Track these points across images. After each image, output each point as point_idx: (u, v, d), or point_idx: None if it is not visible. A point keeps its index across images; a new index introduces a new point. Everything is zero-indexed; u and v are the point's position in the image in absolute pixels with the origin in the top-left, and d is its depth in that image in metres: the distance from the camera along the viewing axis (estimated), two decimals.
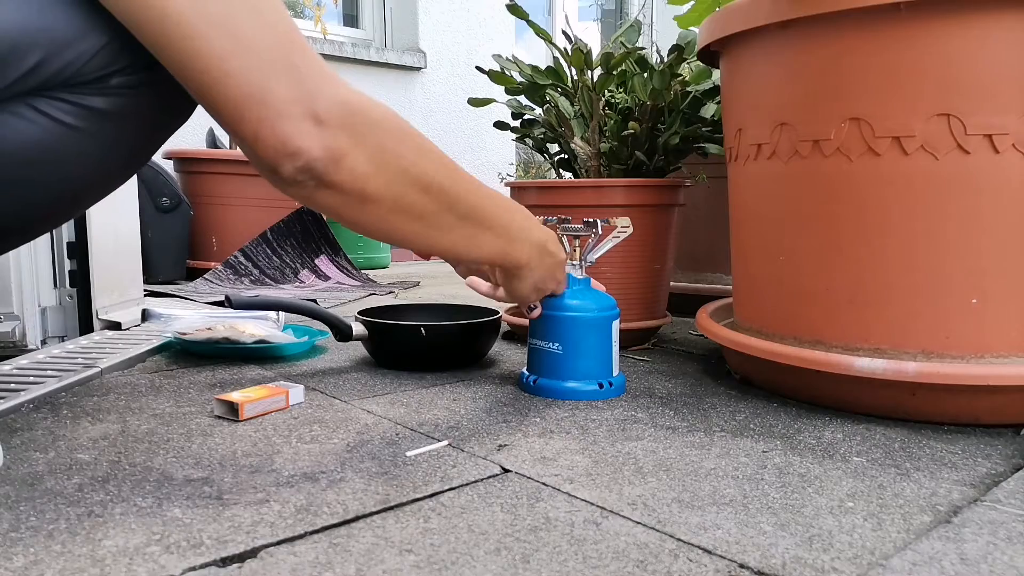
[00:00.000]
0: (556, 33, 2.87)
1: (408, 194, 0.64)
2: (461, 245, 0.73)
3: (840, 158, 0.85)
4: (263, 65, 0.54)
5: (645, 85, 1.25)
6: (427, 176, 0.65)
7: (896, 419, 0.86)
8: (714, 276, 1.60)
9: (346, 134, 0.58)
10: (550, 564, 0.52)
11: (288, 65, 0.55)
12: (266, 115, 0.54)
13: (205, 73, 0.53)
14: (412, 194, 0.64)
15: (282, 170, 0.56)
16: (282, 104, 0.54)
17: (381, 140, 0.60)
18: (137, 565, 0.50)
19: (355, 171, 0.59)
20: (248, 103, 0.54)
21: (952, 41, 0.78)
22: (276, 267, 2.27)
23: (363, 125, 0.59)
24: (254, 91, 0.54)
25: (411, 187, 0.64)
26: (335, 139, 0.57)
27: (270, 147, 0.55)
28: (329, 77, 0.57)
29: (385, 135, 0.61)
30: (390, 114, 0.62)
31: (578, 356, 0.94)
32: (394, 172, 0.62)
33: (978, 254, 0.80)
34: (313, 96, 0.56)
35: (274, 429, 0.81)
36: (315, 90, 0.56)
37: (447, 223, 0.69)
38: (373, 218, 0.63)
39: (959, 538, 0.56)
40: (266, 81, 0.54)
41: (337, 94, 0.57)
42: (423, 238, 0.69)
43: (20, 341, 1.20)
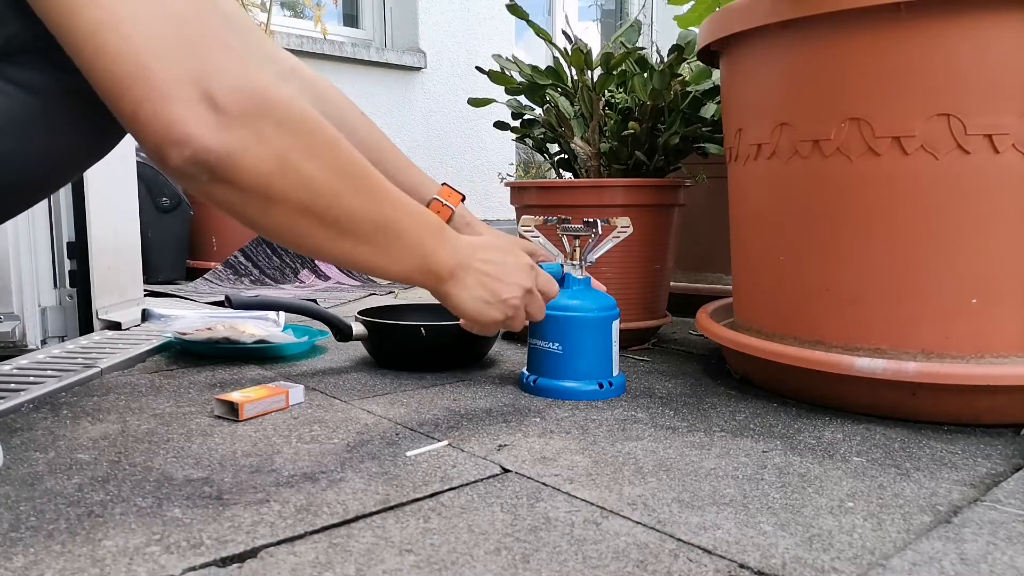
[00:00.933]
0: (556, 33, 2.86)
1: (319, 198, 0.57)
2: (377, 258, 0.64)
3: (840, 158, 0.85)
4: (145, 40, 0.48)
5: (645, 85, 1.25)
6: (341, 177, 0.59)
7: (896, 419, 0.86)
8: (714, 276, 1.60)
9: (250, 126, 0.52)
10: (550, 564, 0.52)
11: (183, 43, 0.49)
12: (147, 94, 0.48)
13: (79, 48, 0.49)
14: (324, 199, 0.58)
15: (169, 158, 0.50)
16: (168, 83, 0.48)
17: (292, 138, 0.54)
18: (137, 565, 0.50)
19: (258, 167, 0.53)
20: (127, 80, 0.48)
21: (952, 41, 0.78)
22: (276, 267, 2.27)
23: (272, 119, 0.53)
24: (133, 67, 0.48)
25: (322, 190, 0.57)
26: (235, 131, 0.51)
27: (152, 130, 0.49)
28: (240, 62, 0.51)
29: (297, 132, 0.55)
30: (303, 107, 0.56)
31: (578, 356, 0.94)
32: (304, 172, 0.56)
33: (978, 254, 0.80)
34: (213, 79, 0.50)
35: (274, 429, 0.81)
36: (216, 73, 0.50)
37: (360, 232, 0.62)
38: (279, 220, 0.57)
39: (959, 538, 0.56)
40: (147, 58, 0.48)
41: (244, 80, 0.51)
42: (334, 248, 0.61)
43: (20, 341, 1.20)
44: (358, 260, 0.64)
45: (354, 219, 0.61)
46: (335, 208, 0.59)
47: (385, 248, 0.64)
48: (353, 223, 0.61)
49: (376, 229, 0.63)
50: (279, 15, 3.21)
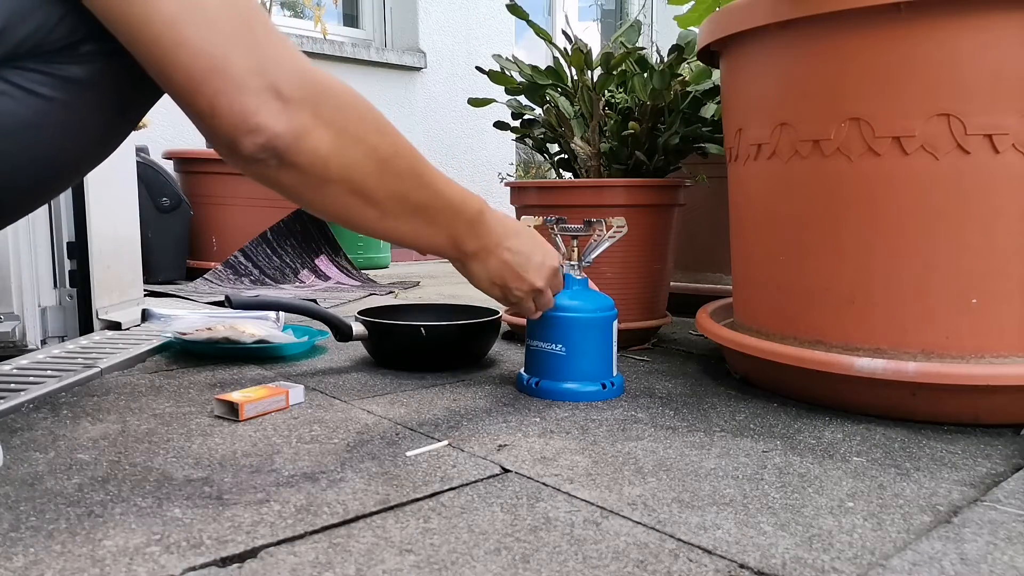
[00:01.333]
0: (556, 33, 2.86)
1: (368, 178, 0.62)
2: (416, 233, 0.70)
3: (840, 158, 0.85)
4: (220, 33, 0.50)
5: (645, 85, 1.25)
6: (388, 160, 0.63)
7: (896, 419, 0.86)
8: (714, 276, 1.60)
9: (309, 111, 0.55)
10: (550, 564, 0.51)
11: (248, 35, 0.51)
12: (223, 87, 0.51)
13: (157, 42, 0.50)
14: (372, 178, 0.62)
15: (242, 147, 0.53)
16: (241, 75, 0.51)
17: (345, 119, 0.58)
18: (137, 565, 0.50)
19: (318, 151, 0.56)
20: (204, 74, 0.50)
21: (952, 41, 0.78)
22: (276, 267, 2.27)
23: (327, 103, 0.56)
24: (211, 61, 0.50)
25: (372, 171, 0.61)
26: (298, 115, 0.54)
27: (228, 122, 0.52)
28: (292, 52, 0.54)
29: (349, 114, 0.59)
30: (353, 93, 0.59)
31: (580, 357, 0.94)
32: (357, 154, 0.60)
33: (978, 254, 0.80)
34: (275, 69, 0.52)
35: (274, 429, 0.81)
36: (277, 63, 0.53)
37: (404, 209, 0.67)
38: (331, 200, 0.61)
39: (959, 538, 0.56)
40: (223, 50, 0.50)
41: (299, 67, 0.54)
42: (378, 223, 0.66)
43: (20, 341, 1.20)
44: (392, 235, 0.69)
45: (397, 200, 0.65)
46: (382, 189, 0.63)
47: (419, 228, 0.69)
48: (396, 204, 0.65)
49: (415, 211, 0.68)
50: (279, 15, 3.21)
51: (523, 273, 0.83)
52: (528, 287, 0.84)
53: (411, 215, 0.68)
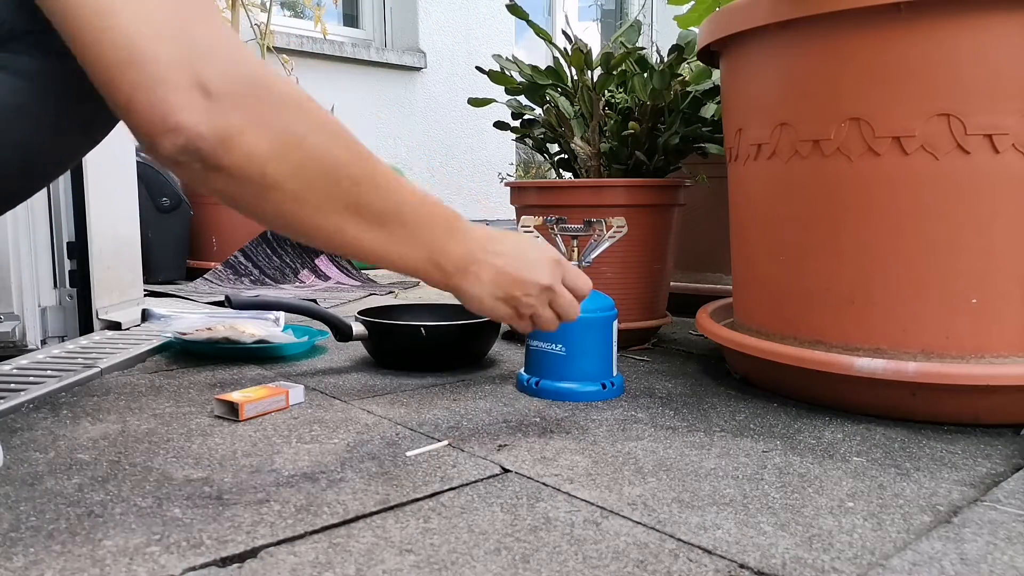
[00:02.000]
0: (556, 33, 2.86)
1: (316, 185, 0.55)
2: (385, 247, 0.62)
3: (840, 158, 0.85)
4: (147, 21, 0.47)
5: (645, 85, 1.25)
6: (341, 166, 0.56)
7: (896, 419, 0.86)
8: (714, 276, 1.60)
9: (241, 110, 0.50)
10: (550, 564, 0.51)
11: (179, 24, 0.48)
12: (141, 80, 0.47)
13: (82, 30, 0.47)
14: (321, 186, 0.55)
15: (160, 147, 0.49)
16: (164, 68, 0.47)
17: (287, 120, 0.52)
18: (137, 565, 0.50)
19: (251, 154, 0.51)
20: (123, 65, 0.47)
21: (952, 41, 0.78)
22: (276, 267, 2.27)
23: (264, 101, 0.51)
24: (132, 51, 0.47)
25: (321, 177, 0.55)
26: (226, 115, 0.49)
27: (145, 119, 0.48)
28: (229, 43, 0.50)
29: (292, 114, 0.53)
30: (298, 91, 0.54)
31: (581, 357, 0.94)
32: (301, 158, 0.53)
33: (978, 254, 0.80)
34: (204, 62, 0.48)
35: (274, 429, 0.81)
36: (209, 55, 0.48)
37: (364, 220, 0.59)
38: (274, 208, 0.55)
39: (959, 538, 0.56)
40: (147, 40, 0.47)
41: (236, 63, 0.50)
42: (337, 236, 0.59)
43: (20, 341, 1.20)
44: (360, 251, 0.61)
45: (355, 207, 0.58)
46: (336, 198, 0.57)
47: (388, 239, 0.61)
48: (354, 212, 0.58)
49: (379, 219, 0.60)
50: (279, 15, 3.21)
51: (524, 275, 0.71)
52: (536, 288, 0.72)
53: (375, 226, 0.60)
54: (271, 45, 2.47)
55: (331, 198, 0.57)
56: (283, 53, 2.69)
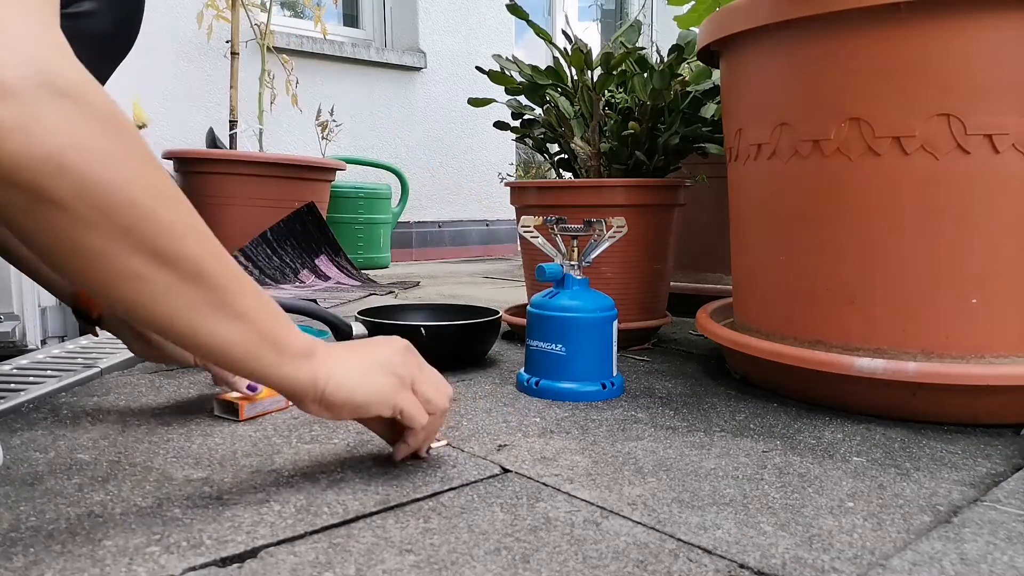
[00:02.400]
0: (556, 33, 2.86)
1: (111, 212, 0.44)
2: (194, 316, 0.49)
3: (840, 158, 0.85)
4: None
5: (645, 85, 1.25)
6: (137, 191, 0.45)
7: (896, 419, 0.86)
8: (714, 276, 1.60)
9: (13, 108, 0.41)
10: (550, 564, 0.51)
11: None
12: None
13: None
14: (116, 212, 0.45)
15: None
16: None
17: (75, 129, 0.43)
18: (137, 565, 0.50)
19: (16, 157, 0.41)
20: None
21: (952, 41, 0.78)
22: (276, 267, 2.27)
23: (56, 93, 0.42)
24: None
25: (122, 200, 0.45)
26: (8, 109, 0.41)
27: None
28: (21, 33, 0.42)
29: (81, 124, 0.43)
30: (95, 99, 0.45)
31: (581, 357, 0.94)
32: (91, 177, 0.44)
33: (978, 254, 0.80)
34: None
35: (274, 429, 0.81)
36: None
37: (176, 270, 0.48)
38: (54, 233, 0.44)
39: (959, 538, 0.56)
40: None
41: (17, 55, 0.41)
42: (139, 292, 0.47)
43: (20, 341, 1.20)
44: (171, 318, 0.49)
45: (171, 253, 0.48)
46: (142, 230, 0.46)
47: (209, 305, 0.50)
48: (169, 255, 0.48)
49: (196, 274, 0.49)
50: (279, 15, 3.21)
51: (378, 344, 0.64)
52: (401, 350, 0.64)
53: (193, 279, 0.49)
54: (271, 45, 2.47)
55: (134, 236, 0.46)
56: (283, 53, 2.69)
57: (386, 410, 0.61)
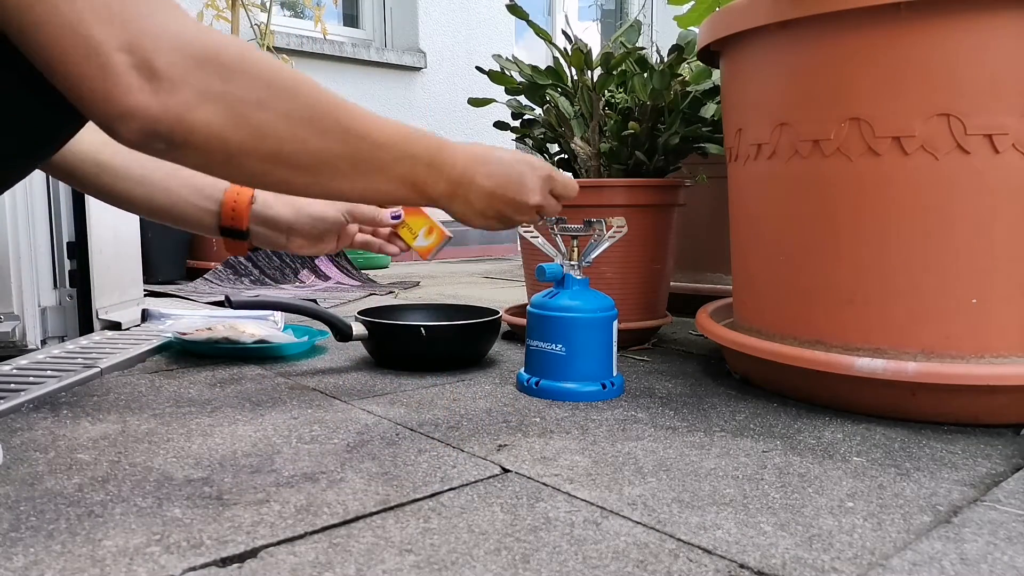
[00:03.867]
0: (556, 33, 2.87)
1: (285, 144, 0.56)
2: (367, 190, 0.63)
3: (840, 158, 0.85)
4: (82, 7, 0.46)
5: (645, 85, 1.25)
6: (305, 122, 0.56)
7: (896, 419, 0.86)
8: (714, 276, 1.60)
9: (192, 86, 0.49)
10: (550, 564, 0.51)
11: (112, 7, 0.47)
12: (86, 69, 0.46)
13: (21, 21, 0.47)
14: (289, 144, 0.56)
15: (121, 133, 0.49)
16: (104, 54, 0.46)
17: (240, 87, 0.52)
18: (137, 565, 0.50)
19: (209, 127, 0.51)
20: (64, 55, 0.46)
21: (952, 41, 0.78)
22: (276, 267, 2.27)
23: (213, 72, 0.50)
24: (70, 40, 0.46)
25: (286, 136, 0.55)
26: (176, 94, 0.49)
27: (99, 108, 0.48)
28: (172, 19, 0.49)
29: (245, 81, 0.52)
30: (252, 56, 0.53)
31: (581, 357, 0.94)
32: (261, 122, 0.53)
33: (978, 254, 0.80)
34: (149, 43, 0.47)
35: (274, 429, 0.81)
36: (152, 35, 0.47)
37: (341, 169, 0.60)
38: (248, 171, 0.56)
39: (959, 538, 0.56)
40: (84, 27, 0.46)
41: (177, 37, 0.49)
42: (316, 187, 0.60)
43: (20, 341, 1.20)
44: (340, 196, 0.63)
45: (330, 160, 0.59)
46: (305, 153, 0.57)
47: (367, 182, 0.63)
48: (329, 165, 0.59)
49: (357, 167, 0.61)
50: (279, 15, 3.21)
51: (515, 196, 0.76)
52: (525, 207, 0.78)
53: (354, 173, 0.61)
54: (271, 45, 2.47)
55: (302, 155, 0.57)
56: (283, 53, 2.70)
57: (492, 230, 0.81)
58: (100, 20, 0.46)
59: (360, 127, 0.61)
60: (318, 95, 0.58)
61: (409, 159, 0.66)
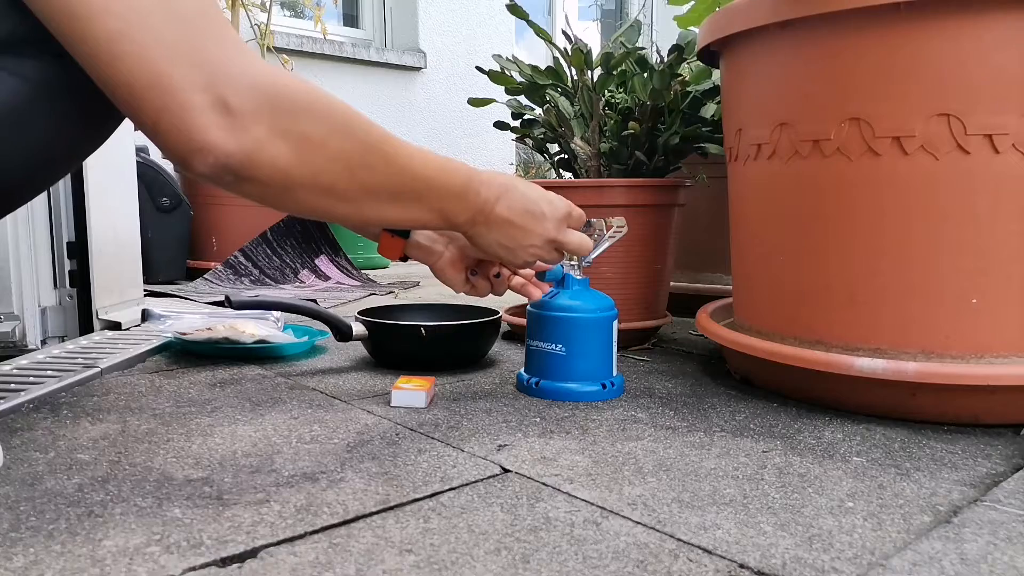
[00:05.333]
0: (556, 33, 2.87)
1: (338, 179, 0.60)
2: (401, 217, 0.69)
3: (840, 158, 0.85)
4: (162, 46, 0.48)
5: (645, 85, 1.25)
6: (357, 159, 0.60)
7: (896, 419, 0.86)
8: (714, 276, 1.60)
9: (263, 124, 0.53)
10: (550, 564, 0.51)
11: (195, 47, 0.50)
12: (166, 104, 0.49)
13: (94, 57, 0.49)
14: (343, 179, 0.60)
15: (193, 166, 0.52)
16: (184, 92, 0.49)
17: (305, 126, 0.55)
18: (137, 565, 0.50)
19: (276, 163, 0.54)
20: (145, 91, 0.49)
21: (952, 41, 0.78)
22: (276, 267, 2.27)
23: (284, 111, 0.54)
24: (152, 77, 0.48)
25: (340, 172, 0.60)
26: (250, 131, 0.52)
27: (175, 141, 0.50)
28: (244, 59, 0.52)
29: (309, 120, 0.56)
30: (314, 95, 0.57)
31: (581, 357, 0.94)
32: (320, 160, 0.57)
33: (978, 254, 0.80)
34: (224, 82, 0.50)
35: (274, 429, 0.81)
36: (227, 75, 0.50)
37: (381, 199, 0.65)
38: (301, 202, 0.60)
39: (959, 538, 0.56)
40: (165, 65, 0.49)
41: (251, 78, 0.52)
42: (357, 215, 0.65)
43: (20, 341, 1.20)
44: (377, 223, 0.71)
45: (373, 192, 0.64)
46: (353, 186, 0.61)
47: (404, 209, 0.68)
48: (372, 196, 0.64)
49: (395, 198, 0.66)
50: (279, 15, 3.21)
51: (532, 227, 0.79)
52: (541, 240, 0.80)
53: (392, 202, 0.66)
54: (271, 45, 2.48)
55: (351, 187, 0.61)
56: (283, 53, 2.70)
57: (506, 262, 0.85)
58: (181, 60, 0.49)
59: (404, 162, 0.65)
60: (368, 131, 0.62)
61: (443, 191, 0.70)
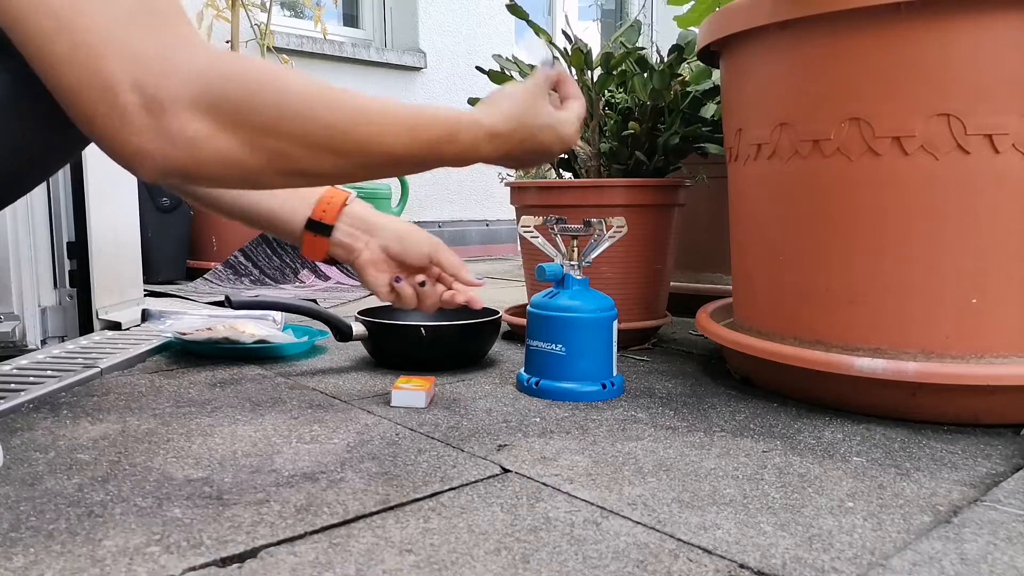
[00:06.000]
0: (556, 33, 2.87)
1: (302, 162, 0.54)
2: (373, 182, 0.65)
3: (840, 158, 0.85)
4: (89, 45, 0.45)
5: (645, 85, 1.25)
6: (321, 141, 0.54)
7: (896, 419, 0.86)
8: (714, 276, 1.60)
9: (204, 119, 0.48)
10: (550, 564, 0.51)
11: (123, 43, 0.46)
12: (97, 108, 0.46)
13: (37, 59, 0.47)
14: (308, 162, 0.54)
15: (137, 172, 0.49)
16: (114, 93, 0.46)
17: (252, 114, 0.51)
18: (137, 565, 0.50)
19: (226, 156, 0.50)
20: (77, 94, 0.46)
21: (952, 41, 0.78)
22: (276, 267, 2.27)
23: (227, 101, 0.49)
24: (80, 77, 0.46)
25: (303, 155, 0.54)
26: (187, 129, 0.48)
27: (109, 147, 0.48)
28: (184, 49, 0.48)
29: (257, 106, 0.51)
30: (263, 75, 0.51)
31: (581, 357, 0.94)
32: (279, 144, 0.52)
33: (978, 254, 0.80)
34: (156, 78, 0.46)
35: (274, 429, 0.81)
36: (159, 70, 0.47)
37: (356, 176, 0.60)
38: (268, 184, 0.56)
39: (959, 538, 0.56)
40: (93, 63, 0.45)
41: (189, 69, 0.48)
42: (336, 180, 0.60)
43: (20, 341, 1.20)
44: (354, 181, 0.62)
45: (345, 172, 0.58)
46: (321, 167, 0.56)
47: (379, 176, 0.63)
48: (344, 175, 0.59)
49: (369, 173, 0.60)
50: (279, 15, 3.21)
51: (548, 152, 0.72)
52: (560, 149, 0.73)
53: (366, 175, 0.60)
54: (271, 45, 2.47)
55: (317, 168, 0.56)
56: (283, 53, 2.70)
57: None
58: (111, 58, 0.46)
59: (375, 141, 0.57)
60: (335, 112, 0.55)
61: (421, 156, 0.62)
